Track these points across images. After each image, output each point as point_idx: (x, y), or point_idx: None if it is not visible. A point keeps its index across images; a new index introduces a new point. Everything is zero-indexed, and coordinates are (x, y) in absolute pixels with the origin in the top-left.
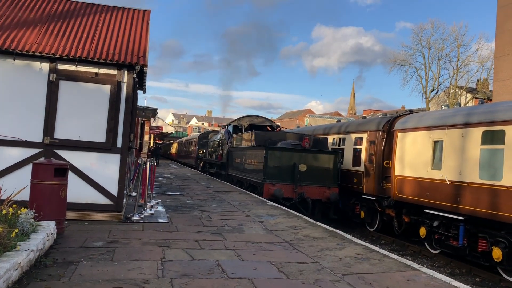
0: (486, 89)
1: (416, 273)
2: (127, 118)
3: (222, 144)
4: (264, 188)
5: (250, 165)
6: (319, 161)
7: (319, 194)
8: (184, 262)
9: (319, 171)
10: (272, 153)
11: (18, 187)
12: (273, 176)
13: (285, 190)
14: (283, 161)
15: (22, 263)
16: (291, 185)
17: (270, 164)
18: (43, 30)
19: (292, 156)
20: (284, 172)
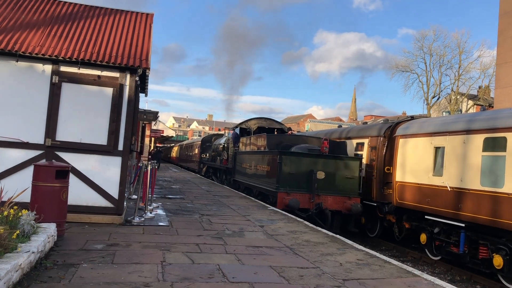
0: (487, 96)
1: (417, 280)
2: (129, 121)
3: (228, 148)
4: (278, 198)
5: (260, 171)
6: (339, 167)
7: (339, 204)
8: (184, 265)
9: (340, 179)
10: (287, 158)
11: (19, 188)
12: (287, 184)
13: (301, 200)
14: (299, 167)
15: (23, 265)
16: (308, 194)
17: (285, 170)
18: (46, 32)
19: (309, 162)
20: (300, 180)
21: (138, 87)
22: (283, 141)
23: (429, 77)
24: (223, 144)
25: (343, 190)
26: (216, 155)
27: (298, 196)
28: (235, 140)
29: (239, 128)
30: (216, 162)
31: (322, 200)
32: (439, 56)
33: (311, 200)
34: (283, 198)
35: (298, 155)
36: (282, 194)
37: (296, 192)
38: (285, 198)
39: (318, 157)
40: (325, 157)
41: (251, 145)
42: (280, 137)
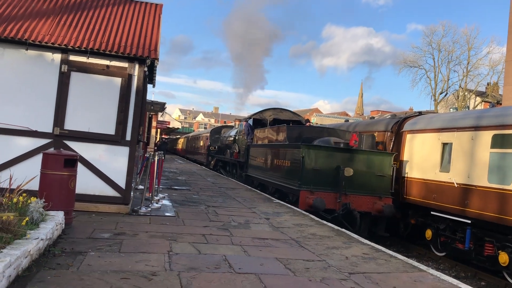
0: (495, 93)
1: (423, 274)
2: (137, 111)
3: (239, 140)
4: (300, 197)
5: (279, 166)
6: (370, 164)
7: (368, 205)
8: (191, 256)
9: (369, 177)
10: (311, 152)
11: (28, 176)
12: (311, 181)
13: (327, 200)
14: (325, 163)
15: (32, 251)
16: (334, 193)
17: (308, 166)
18: (55, 21)
19: (336, 157)
20: (325, 177)
21: (146, 78)
22: (304, 133)
23: (437, 73)
24: (234, 136)
25: (373, 189)
26: (226, 147)
27: (323, 195)
28: (248, 132)
29: (253, 120)
30: (226, 155)
31: (349, 200)
32: (447, 52)
33: (338, 200)
34: (306, 197)
35: (324, 149)
36: (305, 193)
37: (321, 190)
38: (308, 198)
39: (346, 152)
40: (355, 151)
41: (267, 137)
42: (301, 129)
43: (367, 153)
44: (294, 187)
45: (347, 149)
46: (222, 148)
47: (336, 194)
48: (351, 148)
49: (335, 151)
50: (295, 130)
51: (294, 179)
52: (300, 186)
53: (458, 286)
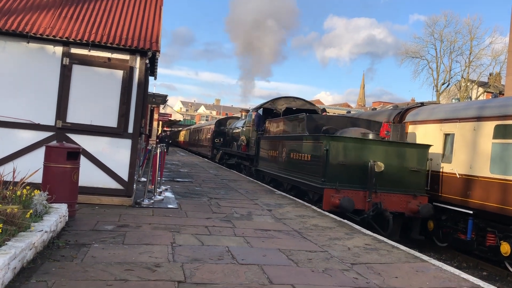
0: (498, 84)
1: (425, 265)
2: (139, 103)
3: (248, 132)
4: (324, 196)
5: (296, 161)
6: (402, 157)
7: (401, 205)
8: (194, 247)
9: (402, 173)
10: (336, 145)
11: (31, 169)
12: (337, 178)
13: (355, 199)
14: (352, 157)
15: (36, 244)
16: (363, 191)
17: (333, 161)
18: (56, 13)
19: (365, 150)
20: (353, 173)
21: (148, 70)
22: (326, 123)
23: (439, 64)
24: (241, 127)
25: (406, 186)
26: (232, 140)
27: (350, 194)
28: (258, 123)
29: (262, 109)
30: (233, 148)
31: (380, 199)
32: (449, 42)
33: (367, 199)
34: (331, 196)
35: (351, 141)
36: (330, 191)
37: (348, 188)
38: (333, 197)
39: (377, 144)
40: (387, 144)
41: (282, 128)
42: (322, 118)
43: (400, 145)
44: (316, 185)
45: (378, 140)
46: (228, 140)
47: (365, 192)
48: (383, 140)
49: (364, 143)
50: (316, 120)
51: (316, 175)
52: (324, 184)
53: (460, 276)
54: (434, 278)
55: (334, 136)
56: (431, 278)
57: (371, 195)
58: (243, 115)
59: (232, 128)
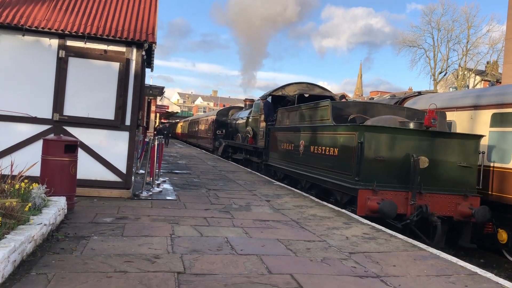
0: (495, 72)
1: (423, 253)
2: (136, 95)
3: (255, 123)
4: (359, 198)
5: (319, 155)
6: (450, 150)
7: (450, 208)
8: (193, 238)
9: (450, 169)
10: (374, 137)
11: (29, 162)
12: (374, 176)
13: (396, 202)
14: (392, 151)
15: (36, 236)
16: (404, 192)
17: (369, 155)
18: (51, 6)
19: (406, 143)
20: (392, 171)
21: (145, 62)
22: (352, 111)
23: (436, 52)
24: (247, 117)
25: (455, 185)
26: (236, 131)
27: (390, 195)
28: (268, 113)
29: (271, 97)
30: (237, 140)
31: (425, 200)
32: (447, 31)
33: (411, 202)
34: (367, 198)
35: (392, 132)
36: (366, 193)
37: (387, 189)
38: (370, 199)
39: (422, 135)
40: (433, 134)
41: (298, 117)
42: (348, 106)
43: (448, 136)
44: (347, 184)
45: (423, 131)
46: (232, 132)
47: (407, 193)
48: (428, 130)
49: (407, 134)
50: (342, 107)
51: (346, 173)
52: (358, 183)
53: (457, 263)
54: (432, 266)
55: (370, 126)
56: (429, 266)
57: (415, 196)
58: (247, 105)
59: (236, 119)
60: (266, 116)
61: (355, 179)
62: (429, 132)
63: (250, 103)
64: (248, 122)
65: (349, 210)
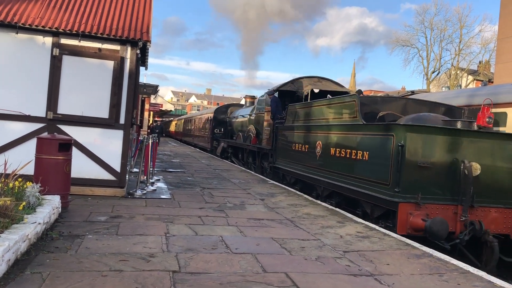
0: (487, 71)
1: (416, 252)
2: (130, 94)
3: (259, 121)
4: (400, 214)
5: (343, 159)
6: (503, 155)
7: (506, 224)
8: (188, 237)
9: (504, 177)
10: (417, 139)
11: (23, 161)
12: (417, 187)
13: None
14: (437, 156)
15: (30, 235)
16: (453, 206)
17: (411, 161)
18: (45, 3)
19: (453, 146)
20: (438, 180)
21: (139, 60)
22: (381, 108)
23: (429, 52)
24: (249, 115)
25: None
26: (235, 130)
27: (437, 209)
28: (275, 110)
29: (279, 92)
30: (238, 139)
31: (478, 215)
32: (440, 31)
33: (461, 218)
34: (409, 214)
35: (441, 133)
36: (408, 207)
37: (433, 202)
38: (413, 215)
39: (474, 136)
40: (485, 135)
41: (315, 115)
42: (376, 101)
43: (502, 138)
44: (383, 196)
45: (476, 131)
46: (231, 131)
47: (456, 207)
48: (480, 130)
49: (457, 136)
50: (370, 103)
51: (381, 181)
52: (397, 195)
53: (450, 262)
54: (425, 265)
55: (413, 126)
56: (422, 264)
57: (466, 210)
58: (248, 102)
59: (235, 117)
60: (273, 113)
61: (395, 190)
62: (482, 133)
63: (251, 100)
64: (250, 120)
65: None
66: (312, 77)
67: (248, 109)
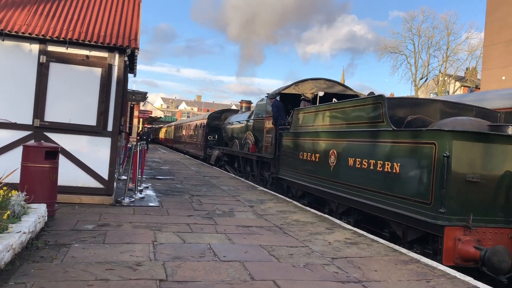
0: (474, 78)
1: (404, 258)
2: (118, 101)
3: (259, 127)
4: (446, 239)
5: (365, 171)
6: None
7: None
8: (175, 245)
9: None
10: (465, 148)
11: (8, 169)
12: (467, 207)
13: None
14: (486, 168)
15: (15, 245)
16: (508, 229)
17: (458, 175)
18: (32, 10)
19: (505, 157)
20: (489, 198)
21: (127, 67)
22: (409, 111)
23: (417, 59)
24: (246, 121)
25: None
26: (230, 137)
27: (490, 234)
28: (277, 115)
29: (280, 96)
30: (234, 147)
31: None
32: (427, 38)
33: None
34: (457, 240)
35: (490, 141)
36: (456, 231)
37: (485, 224)
38: (462, 241)
39: None
40: None
41: (327, 120)
42: (403, 104)
43: None
44: (423, 217)
45: None
46: (226, 138)
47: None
48: None
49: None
50: (397, 105)
51: (420, 199)
52: (441, 217)
53: (437, 267)
54: (412, 271)
55: (461, 132)
56: (410, 270)
57: None
58: (244, 107)
59: (231, 123)
60: (276, 119)
61: (439, 211)
62: None
63: (247, 105)
64: (248, 126)
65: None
66: (317, 79)
67: (244, 114)
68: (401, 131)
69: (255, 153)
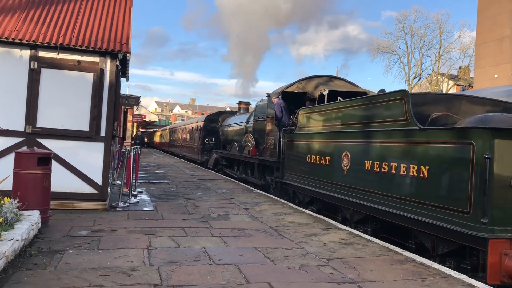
0: (467, 76)
1: (399, 257)
2: (111, 106)
3: (260, 128)
4: (491, 254)
5: (385, 176)
6: None
7: None
8: (170, 249)
9: None
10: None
11: (0, 176)
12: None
13: None
14: None
15: (7, 253)
16: None
17: (502, 180)
18: (22, 16)
19: None
20: None
21: (119, 72)
22: (433, 108)
23: (410, 58)
24: (245, 123)
25: None
26: (228, 140)
27: None
28: (281, 115)
29: (282, 95)
30: (233, 150)
31: None
32: (420, 37)
33: None
34: (504, 254)
35: None
36: (502, 245)
37: None
38: (510, 256)
39: None
40: None
41: (340, 119)
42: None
43: None
44: (461, 228)
45: None
46: (224, 141)
47: None
48: None
49: None
50: (421, 102)
51: (456, 208)
52: (484, 228)
53: (432, 266)
54: (407, 270)
55: (504, 130)
56: (405, 270)
57: None
58: (242, 108)
59: (229, 125)
60: (279, 119)
61: (481, 221)
62: None
63: (246, 106)
64: (247, 128)
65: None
66: (322, 76)
67: (243, 116)
68: (430, 130)
69: (256, 156)
